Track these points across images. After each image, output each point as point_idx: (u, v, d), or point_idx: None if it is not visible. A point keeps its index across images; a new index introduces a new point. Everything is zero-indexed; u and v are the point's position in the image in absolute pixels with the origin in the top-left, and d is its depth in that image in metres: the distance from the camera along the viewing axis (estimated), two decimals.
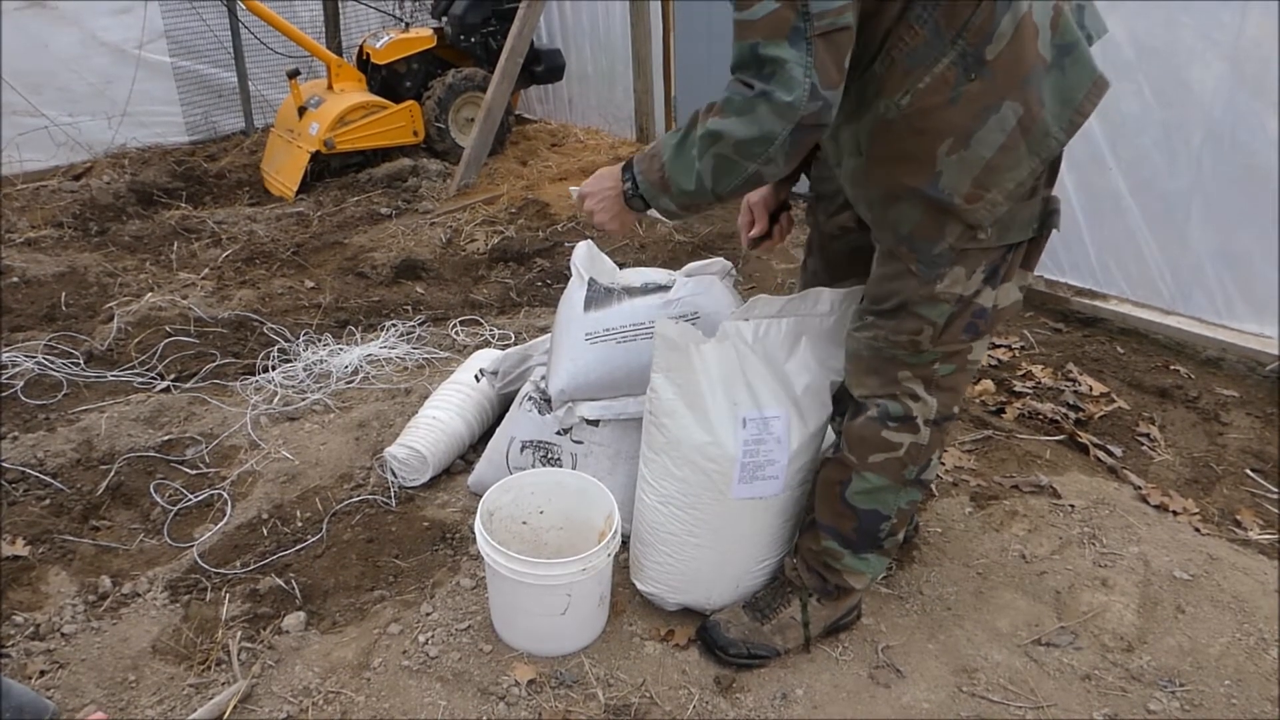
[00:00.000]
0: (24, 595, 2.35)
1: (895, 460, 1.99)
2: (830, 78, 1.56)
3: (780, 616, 2.17)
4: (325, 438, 2.99)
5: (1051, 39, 1.67)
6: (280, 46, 6.23)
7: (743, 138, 1.62)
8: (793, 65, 1.54)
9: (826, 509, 2.10)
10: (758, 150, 1.62)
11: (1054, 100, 1.69)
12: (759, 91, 1.58)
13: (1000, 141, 1.68)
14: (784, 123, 1.58)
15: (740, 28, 1.58)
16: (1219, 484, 2.87)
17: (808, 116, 1.57)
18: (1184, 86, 3.39)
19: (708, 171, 1.69)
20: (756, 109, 1.59)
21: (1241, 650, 2.21)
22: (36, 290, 4.06)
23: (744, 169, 1.66)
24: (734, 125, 1.62)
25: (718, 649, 2.15)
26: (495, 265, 4.55)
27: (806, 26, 1.53)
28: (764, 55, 1.55)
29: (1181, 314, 3.65)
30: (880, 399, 1.98)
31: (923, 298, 1.85)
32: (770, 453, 2.05)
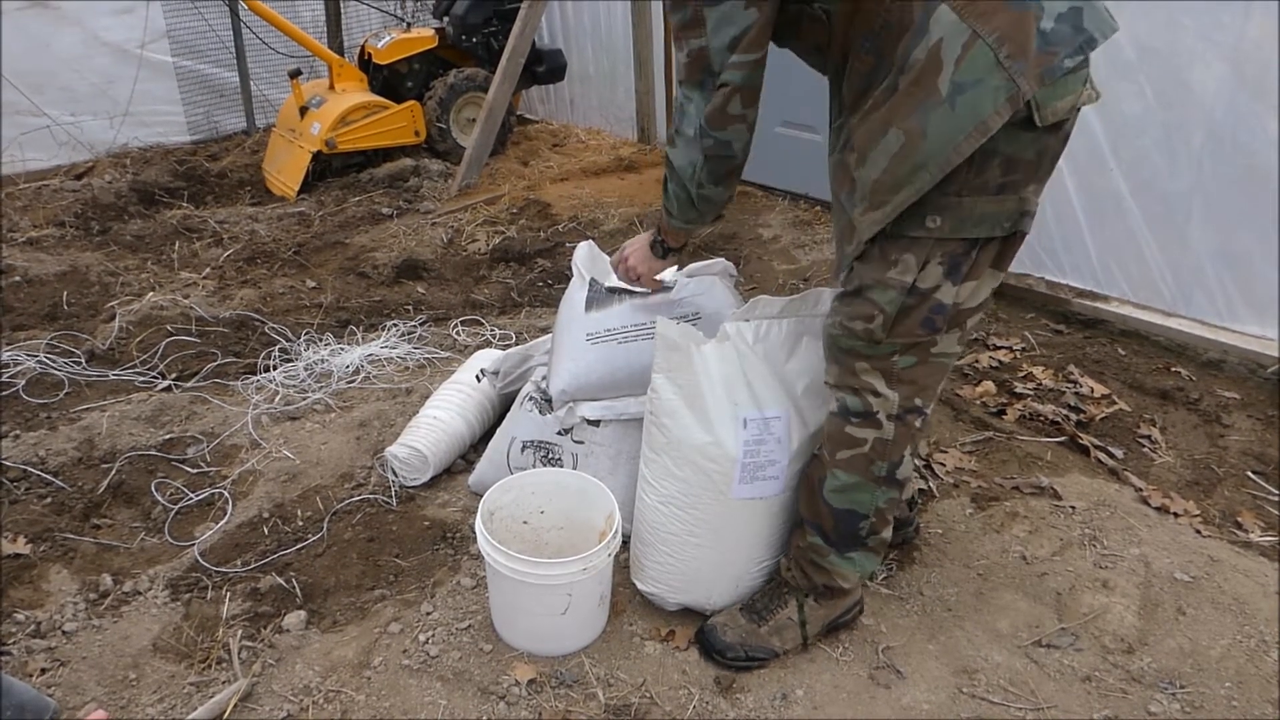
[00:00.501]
0: (25, 593, 2.35)
1: (861, 456, 1.99)
2: (716, 121, 1.87)
3: (777, 618, 2.17)
4: (326, 437, 2.99)
5: (952, 75, 1.67)
6: (282, 46, 6.23)
7: (678, 164, 1.98)
8: (690, 105, 1.89)
9: (808, 505, 2.12)
10: (686, 177, 1.98)
11: (936, 135, 1.69)
12: (675, 128, 1.95)
13: (883, 165, 1.76)
14: (694, 151, 1.93)
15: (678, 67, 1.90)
16: (1220, 486, 2.87)
17: (709, 148, 1.91)
18: (1185, 88, 3.39)
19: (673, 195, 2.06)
20: (677, 141, 1.96)
21: (1242, 652, 2.21)
22: (38, 289, 4.06)
23: (690, 192, 2.01)
24: (673, 154, 1.99)
25: (715, 652, 2.15)
26: (496, 265, 4.55)
27: (710, 80, 1.84)
28: (680, 93, 1.91)
29: (1183, 316, 3.65)
30: (841, 392, 1.99)
31: (875, 281, 1.87)
32: (771, 453, 2.05)
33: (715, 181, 1.98)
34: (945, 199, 1.76)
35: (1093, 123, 3.62)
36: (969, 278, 1.85)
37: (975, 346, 3.71)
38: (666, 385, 2.09)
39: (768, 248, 4.48)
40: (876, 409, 1.96)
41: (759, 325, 2.09)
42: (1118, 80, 3.53)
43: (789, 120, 5.03)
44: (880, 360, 1.93)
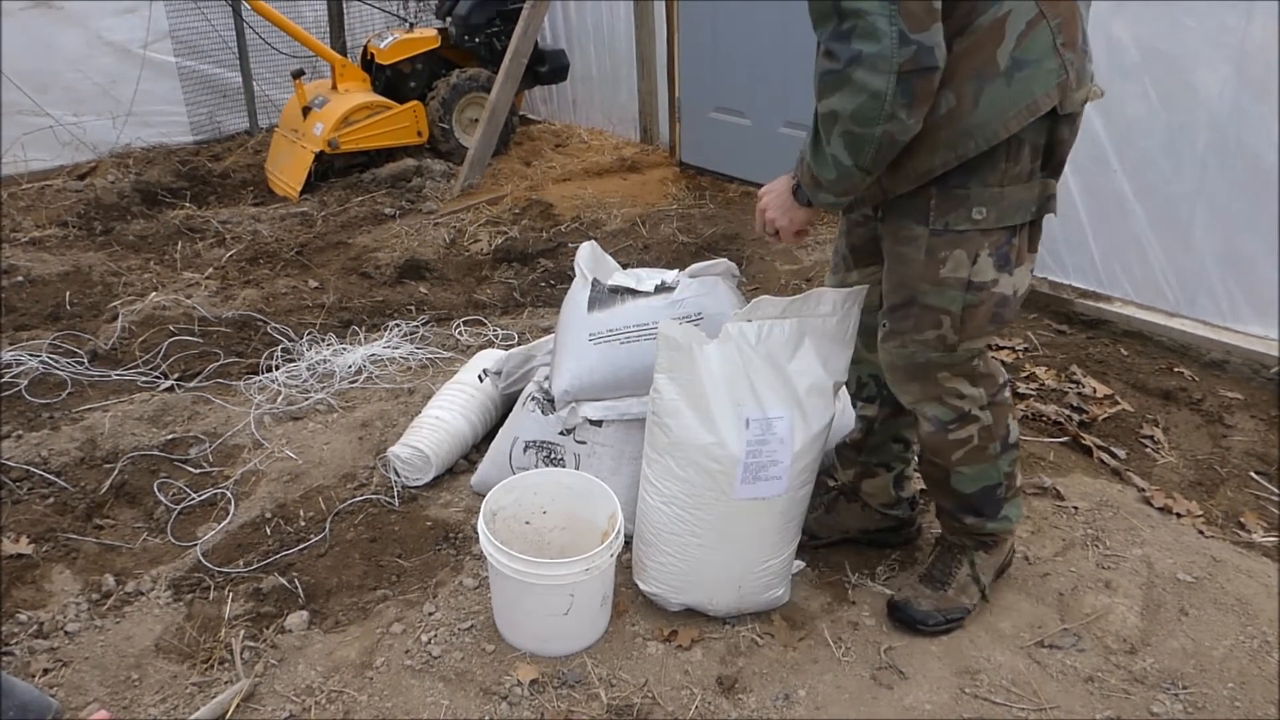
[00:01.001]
0: (28, 593, 2.35)
1: (974, 449, 2.09)
2: (918, 21, 1.58)
3: (958, 578, 2.25)
4: (329, 437, 2.99)
5: (1012, 50, 1.71)
6: (285, 46, 6.24)
7: (854, 107, 1.64)
8: (874, 15, 1.56)
9: (944, 498, 2.22)
10: (873, 112, 1.64)
11: (988, 106, 1.73)
12: (847, 59, 1.60)
13: (926, 123, 1.73)
14: (883, 76, 1.60)
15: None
16: (1223, 486, 2.86)
17: (905, 63, 1.59)
18: (1189, 89, 3.39)
19: (841, 152, 1.72)
20: (852, 75, 1.61)
21: (1245, 653, 2.21)
22: (41, 289, 4.07)
23: (872, 135, 1.67)
24: (841, 100, 1.65)
25: (918, 624, 2.21)
26: (499, 265, 4.55)
27: None
28: (844, 8, 1.58)
29: (1186, 316, 3.64)
30: (927, 406, 2.05)
31: (929, 284, 1.89)
32: (774, 453, 2.05)
33: (914, 104, 1.65)
34: (988, 190, 1.81)
35: (1096, 124, 3.62)
36: (1017, 264, 1.90)
37: None
38: (669, 385, 2.09)
39: (770, 248, 4.48)
40: (968, 408, 2.04)
41: (761, 326, 2.09)
42: (1121, 81, 3.52)
43: (792, 120, 5.03)
44: (960, 366, 2.00)
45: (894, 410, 2.32)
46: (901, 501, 2.48)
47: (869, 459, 2.44)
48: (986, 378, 2.06)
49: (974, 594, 2.26)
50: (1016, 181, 1.82)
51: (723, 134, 5.51)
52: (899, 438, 2.40)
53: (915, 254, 1.90)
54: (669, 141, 6.05)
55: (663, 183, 5.65)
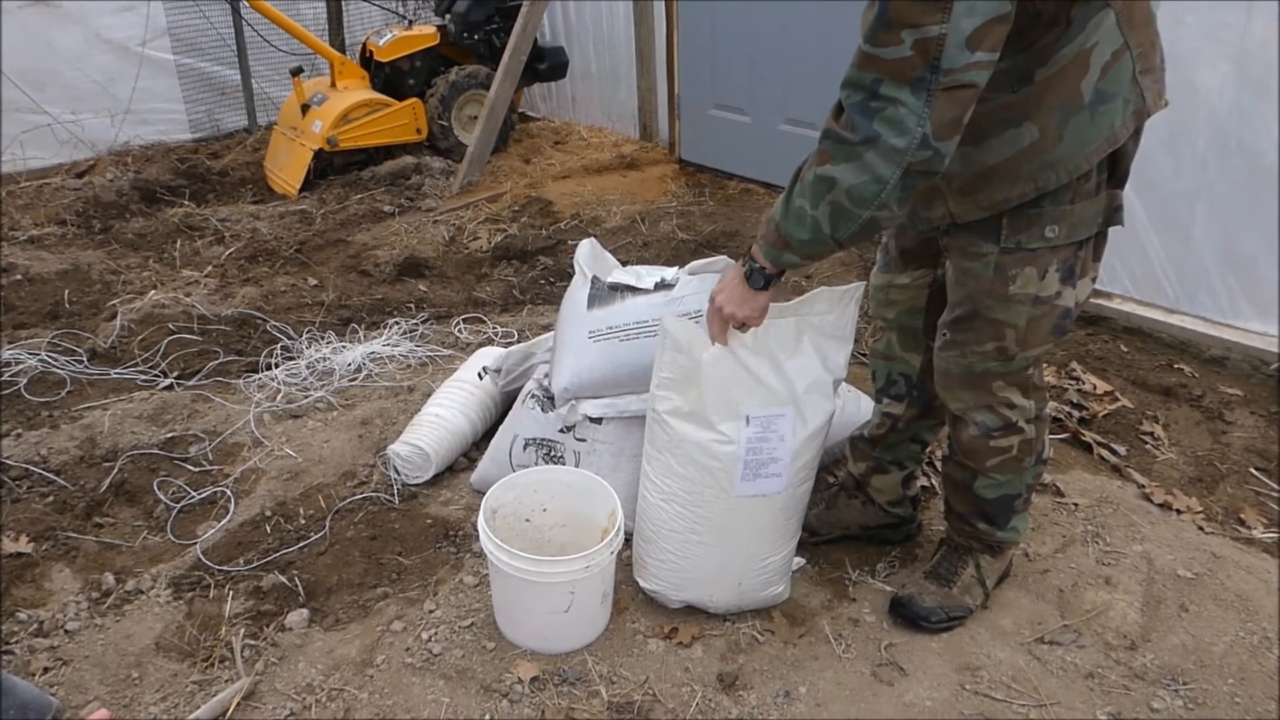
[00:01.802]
0: (28, 592, 2.35)
1: (1011, 459, 2.10)
2: (944, 131, 1.56)
3: (963, 578, 2.26)
4: (328, 435, 2.99)
5: (1096, 82, 1.71)
6: (283, 44, 6.23)
7: (854, 183, 1.62)
8: (907, 112, 1.54)
9: (961, 501, 2.23)
10: (869, 196, 1.62)
11: (1072, 139, 1.74)
12: (863, 139, 1.58)
13: (1007, 154, 1.74)
14: (893, 168, 1.58)
15: (865, 59, 1.56)
16: (1223, 483, 2.87)
17: (916, 163, 1.58)
18: (1189, 87, 3.38)
19: (824, 218, 1.69)
20: (864, 155, 1.59)
21: (1245, 649, 2.21)
22: (40, 288, 4.06)
23: (859, 216, 1.66)
24: (843, 171, 1.62)
25: (921, 620, 2.22)
26: (498, 263, 4.55)
27: (933, 79, 1.51)
28: (883, 92, 1.55)
29: (1186, 313, 3.65)
30: (975, 413, 2.06)
31: (996, 300, 1.90)
32: (773, 450, 2.05)
33: (907, 200, 1.65)
34: (1060, 209, 1.81)
35: None
36: (1081, 276, 1.91)
37: None
38: (669, 383, 2.09)
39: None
40: (1015, 419, 2.05)
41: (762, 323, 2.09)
42: None
43: (792, 118, 5.03)
44: (1016, 375, 2.02)
45: (921, 412, 2.33)
46: (906, 500, 2.49)
47: (884, 455, 2.44)
48: (1038, 390, 2.08)
49: (978, 595, 2.27)
50: (1086, 198, 1.82)
51: (722, 131, 5.51)
52: (918, 439, 2.41)
53: (984, 271, 1.89)
54: (668, 139, 6.05)
55: (662, 180, 5.65)
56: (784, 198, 1.77)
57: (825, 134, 1.66)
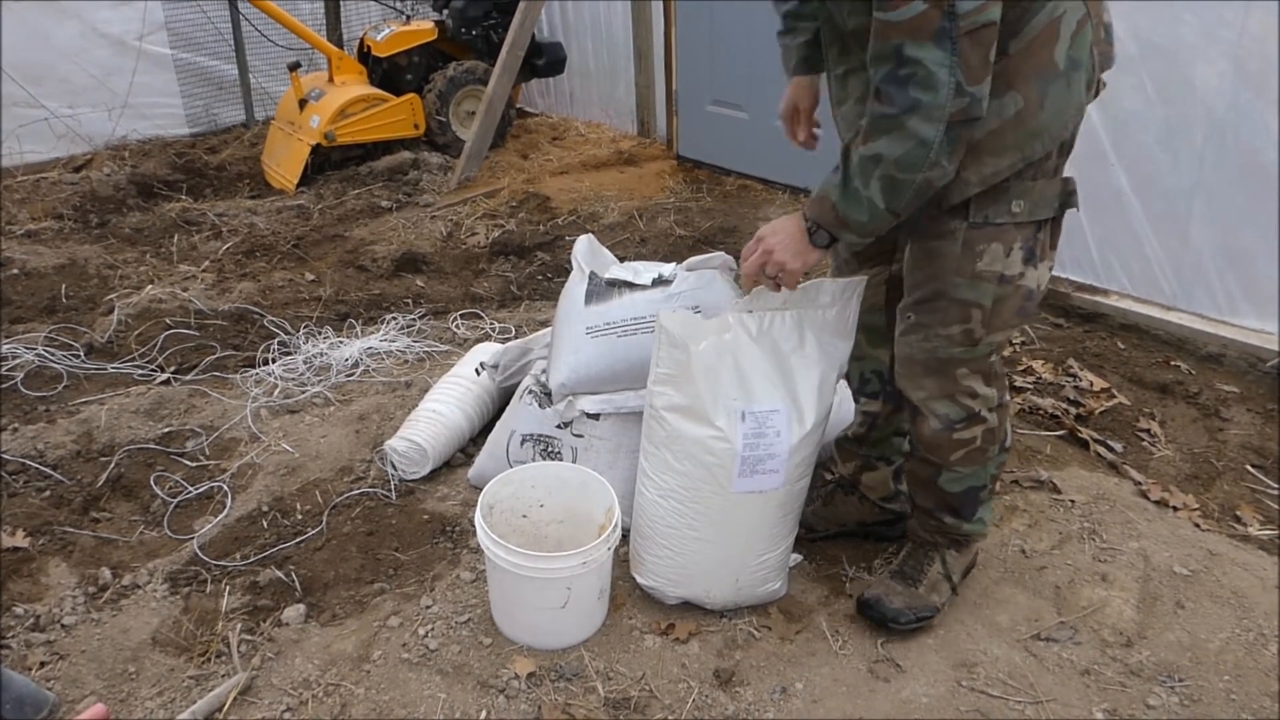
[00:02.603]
0: (24, 586, 2.35)
1: (975, 450, 2.09)
2: (975, 74, 1.58)
3: (929, 576, 2.24)
4: (325, 430, 2.99)
5: (1068, 50, 1.73)
6: (281, 39, 6.22)
7: (900, 153, 1.64)
8: (936, 65, 1.55)
9: (926, 497, 2.21)
10: (918, 160, 1.63)
11: (1052, 107, 1.76)
12: (903, 108, 1.60)
13: (993, 125, 1.74)
14: (935, 125, 1.60)
15: (884, 27, 1.58)
16: (1219, 480, 2.87)
17: (956, 113, 1.59)
18: (1186, 83, 3.38)
19: (878, 195, 1.70)
20: (906, 123, 1.61)
21: (1241, 646, 2.21)
22: (37, 282, 4.06)
23: (912, 181, 1.67)
24: (887, 145, 1.64)
25: (890, 621, 2.19)
26: (496, 259, 4.55)
27: (952, 26, 1.53)
28: (908, 55, 1.56)
29: (1183, 310, 3.65)
30: (938, 403, 2.03)
31: (963, 278, 1.89)
32: (770, 446, 2.05)
33: (955, 153, 1.66)
34: (1024, 184, 1.82)
35: (1093, 118, 3.61)
36: (1041, 259, 1.92)
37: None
38: (666, 379, 2.09)
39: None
40: (978, 409, 2.04)
41: (763, 317, 2.09)
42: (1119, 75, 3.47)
43: None
44: (979, 362, 2.00)
45: (898, 406, 2.32)
46: (899, 495, 2.48)
47: (870, 452, 2.44)
48: (999, 379, 2.06)
49: (945, 591, 2.25)
50: (1045, 176, 1.84)
51: (720, 127, 5.51)
52: (900, 431, 2.41)
53: (951, 248, 1.89)
54: (666, 135, 6.05)
55: (660, 176, 5.65)
56: (840, 179, 1.75)
57: (869, 113, 1.67)
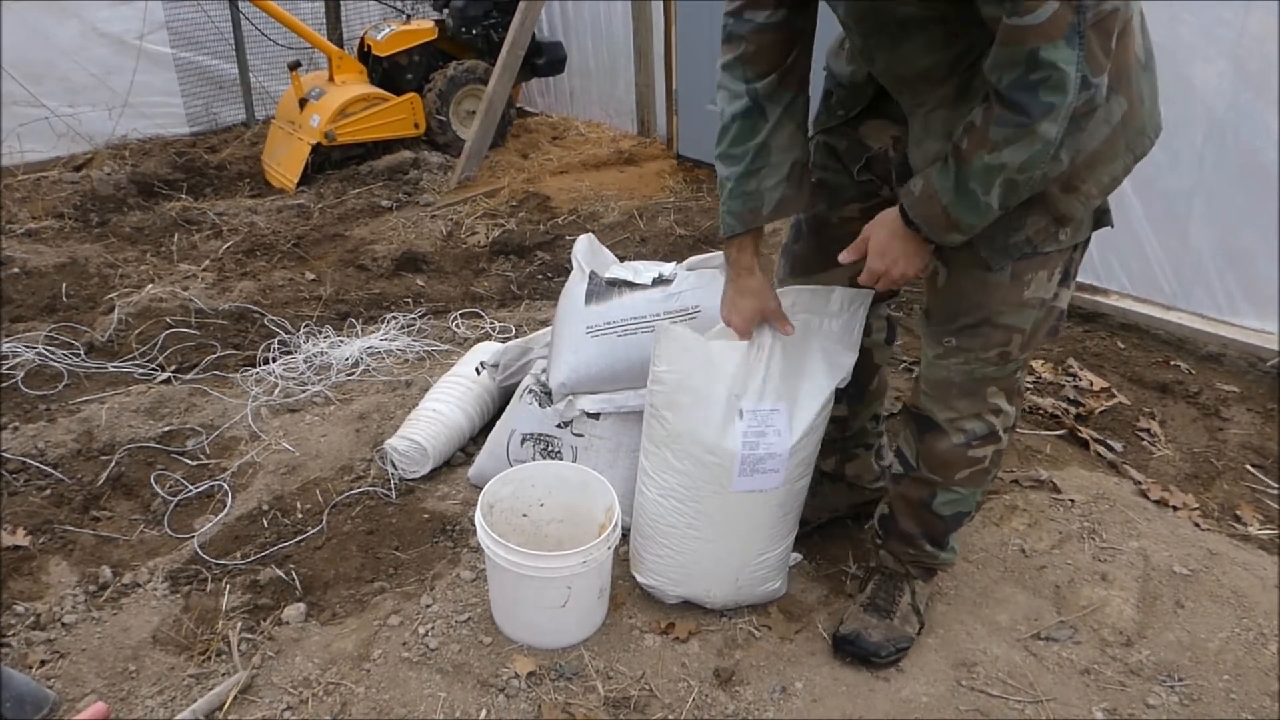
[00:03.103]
0: (25, 585, 2.35)
1: (981, 471, 2.06)
2: (1099, 65, 1.51)
3: (900, 607, 2.20)
4: (326, 429, 2.99)
5: (1143, 42, 1.71)
6: (281, 38, 6.22)
7: (1025, 158, 1.56)
8: (1066, 65, 1.48)
9: (912, 521, 2.15)
10: (1039, 161, 1.57)
11: (1150, 99, 1.73)
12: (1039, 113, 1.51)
13: (1105, 134, 1.70)
14: (1059, 124, 1.53)
15: (1017, 33, 1.48)
16: (1219, 479, 2.87)
17: (1080, 108, 1.52)
18: (1186, 84, 3.38)
19: (996, 199, 1.63)
20: (1035, 129, 1.53)
21: (1241, 645, 2.22)
22: (37, 281, 4.06)
23: (1031, 180, 1.61)
24: (1013, 153, 1.56)
25: (872, 655, 2.14)
26: (496, 258, 4.55)
27: (1080, 21, 1.45)
28: (1042, 59, 1.48)
29: (1182, 310, 3.65)
30: (966, 421, 2.01)
31: (1010, 306, 1.86)
32: (771, 446, 2.05)
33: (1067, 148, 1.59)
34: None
35: None
36: (1074, 278, 1.91)
37: None
38: (666, 377, 2.09)
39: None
40: (998, 426, 2.02)
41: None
42: None
43: None
44: (1007, 379, 1.98)
45: (863, 400, 2.35)
46: (884, 472, 2.44)
47: (848, 444, 2.45)
48: (1020, 395, 2.05)
49: (915, 623, 2.21)
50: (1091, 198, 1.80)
51: None
52: (873, 417, 2.43)
53: (999, 278, 1.84)
54: (666, 134, 6.05)
55: (660, 175, 5.65)
56: (955, 183, 1.65)
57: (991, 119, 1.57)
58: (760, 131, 1.88)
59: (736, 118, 1.89)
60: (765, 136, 1.88)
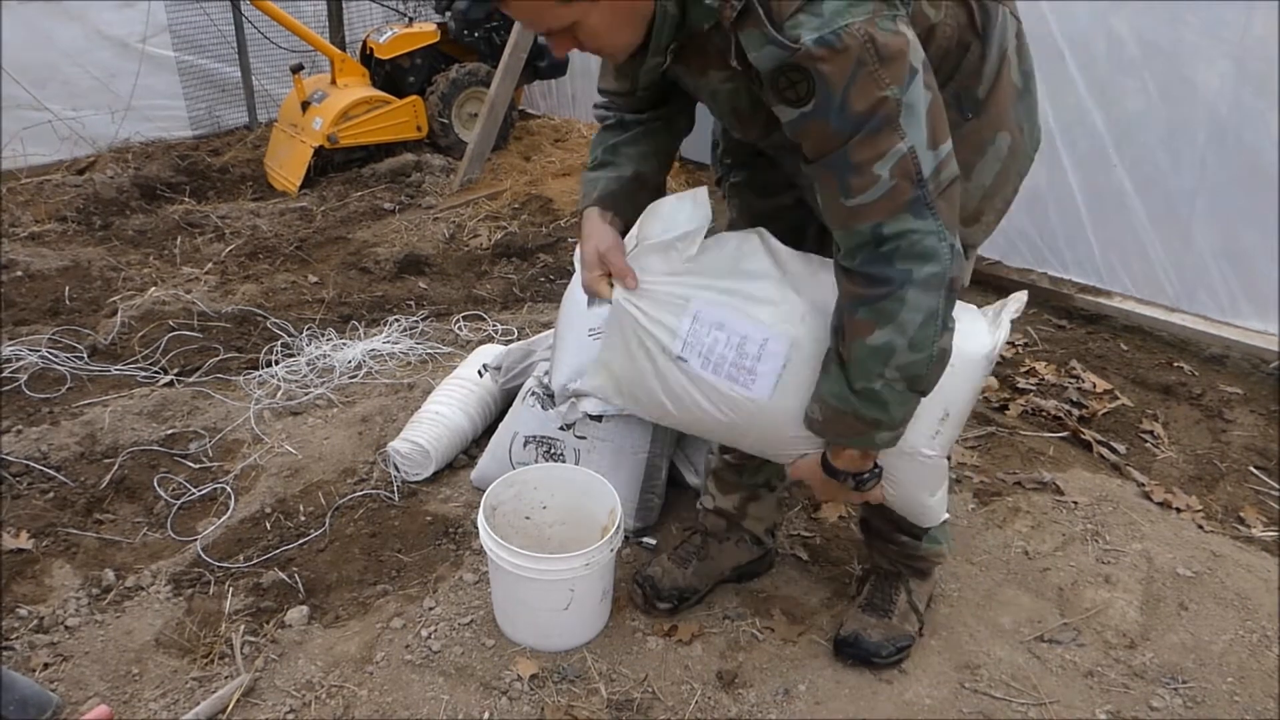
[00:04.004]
0: (28, 588, 2.35)
1: None
2: (954, 223, 1.51)
3: (899, 606, 2.21)
4: (328, 432, 2.99)
5: (1019, 66, 1.75)
6: (284, 41, 6.23)
7: (911, 335, 1.51)
8: (921, 235, 1.46)
9: (878, 517, 2.16)
10: (931, 334, 1.52)
11: (1028, 123, 1.80)
12: (898, 283, 1.48)
13: (996, 169, 1.76)
14: (937, 294, 1.49)
15: (851, 214, 1.48)
16: (1222, 481, 2.87)
17: (956, 277, 1.51)
18: (1189, 85, 3.38)
19: (898, 383, 1.56)
20: (906, 298, 1.49)
21: (1244, 647, 2.21)
22: (40, 284, 4.06)
23: (930, 356, 1.55)
24: (891, 332, 1.51)
25: (873, 657, 2.14)
26: (498, 260, 4.55)
27: (925, 193, 1.45)
28: (885, 234, 1.47)
29: (1185, 311, 3.65)
30: None
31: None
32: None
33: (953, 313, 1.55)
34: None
35: (1096, 119, 3.62)
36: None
37: None
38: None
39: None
40: None
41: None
42: (1121, 77, 3.52)
43: None
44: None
45: None
46: (776, 528, 2.43)
47: (753, 480, 2.28)
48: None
49: (914, 621, 2.21)
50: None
51: None
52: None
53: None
54: None
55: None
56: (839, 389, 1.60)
57: (854, 305, 1.54)
58: (616, 137, 1.95)
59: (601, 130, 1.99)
60: (618, 140, 1.94)
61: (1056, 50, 3.63)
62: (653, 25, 1.52)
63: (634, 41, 1.55)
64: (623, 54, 1.59)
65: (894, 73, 1.40)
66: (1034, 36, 1.81)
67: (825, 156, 1.46)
